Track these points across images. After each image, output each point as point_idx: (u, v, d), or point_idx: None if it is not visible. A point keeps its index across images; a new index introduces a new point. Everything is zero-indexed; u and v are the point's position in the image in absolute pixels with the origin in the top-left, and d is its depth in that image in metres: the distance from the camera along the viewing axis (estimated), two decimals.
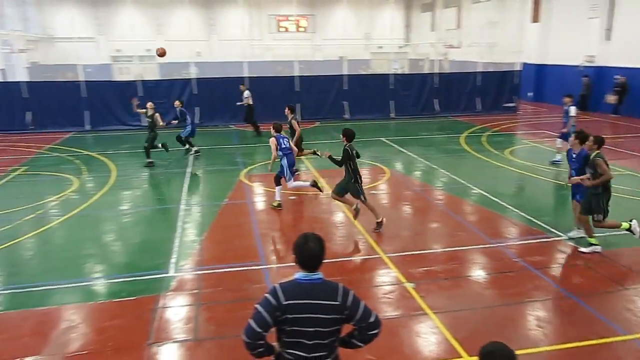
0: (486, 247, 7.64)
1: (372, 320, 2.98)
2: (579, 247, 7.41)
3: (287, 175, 9.51)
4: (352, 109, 20.58)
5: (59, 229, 8.77)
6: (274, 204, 9.56)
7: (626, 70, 20.27)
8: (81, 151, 15.07)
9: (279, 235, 8.72)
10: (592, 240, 7.30)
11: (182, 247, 7.76)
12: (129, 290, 6.46)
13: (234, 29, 35.10)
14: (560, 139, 12.56)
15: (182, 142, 14.19)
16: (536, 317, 5.70)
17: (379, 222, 8.26)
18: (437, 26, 36.85)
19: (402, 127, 19.30)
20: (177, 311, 5.93)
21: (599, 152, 7.08)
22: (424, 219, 9.40)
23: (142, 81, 19.58)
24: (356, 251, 7.78)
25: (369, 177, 11.82)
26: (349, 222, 8.62)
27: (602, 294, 6.24)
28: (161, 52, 13.90)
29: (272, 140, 9.51)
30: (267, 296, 2.91)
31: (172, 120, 14.21)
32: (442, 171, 12.22)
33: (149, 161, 13.02)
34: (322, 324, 2.89)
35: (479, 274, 6.93)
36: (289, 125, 11.72)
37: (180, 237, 8.18)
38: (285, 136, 9.79)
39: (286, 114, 11.96)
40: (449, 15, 35.11)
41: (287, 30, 38.71)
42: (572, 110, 12.17)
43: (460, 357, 4.94)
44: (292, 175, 9.63)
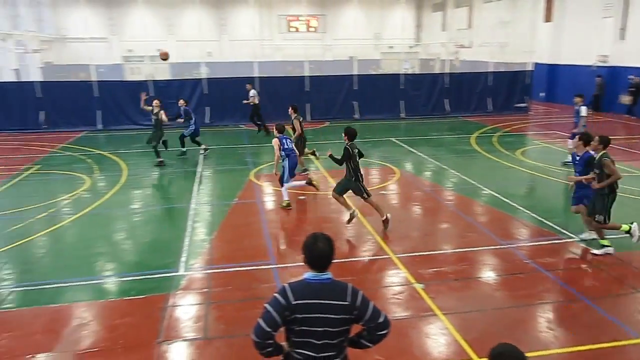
0: (497, 248, 7.59)
1: (381, 320, 2.97)
2: (591, 249, 7.34)
3: (285, 176, 9.53)
4: (362, 109, 20.53)
5: (70, 228, 8.86)
6: (283, 204, 9.58)
7: None
8: (93, 150, 15.20)
9: (289, 234, 8.75)
10: (604, 242, 7.22)
11: (192, 246, 7.80)
12: (139, 288, 6.51)
13: (245, 29, 35.17)
14: (571, 139, 12.43)
15: (183, 142, 14.16)
16: (547, 319, 5.66)
17: (383, 220, 8.25)
18: (448, 26, 36.67)
19: (413, 127, 19.21)
20: (186, 310, 5.97)
21: (605, 152, 7.00)
22: (434, 219, 9.36)
23: (153, 81, 19.68)
24: (365, 251, 7.77)
25: (378, 178, 11.81)
26: (358, 222, 8.60)
27: (614, 296, 6.17)
28: (163, 55, 13.94)
29: (275, 141, 9.54)
30: (277, 296, 2.91)
31: (176, 118, 14.08)
32: (453, 172, 12.16)
33: (160, 160, 13.08)
34: (331, 324, 2.89)
35: (489, 275, 6.89)
36: (292, 124, 11.75)
37: (190, 236, 8.22)
38: (288, 137, 9.82)
39: (290, 113, 11.98)
40: (460, 15, 34.92)
41: (297, 30, 38.75)
42: (583, 110, 12.06)
43: (469, 358, 4.91)
44: (291, 177, 9.64)
